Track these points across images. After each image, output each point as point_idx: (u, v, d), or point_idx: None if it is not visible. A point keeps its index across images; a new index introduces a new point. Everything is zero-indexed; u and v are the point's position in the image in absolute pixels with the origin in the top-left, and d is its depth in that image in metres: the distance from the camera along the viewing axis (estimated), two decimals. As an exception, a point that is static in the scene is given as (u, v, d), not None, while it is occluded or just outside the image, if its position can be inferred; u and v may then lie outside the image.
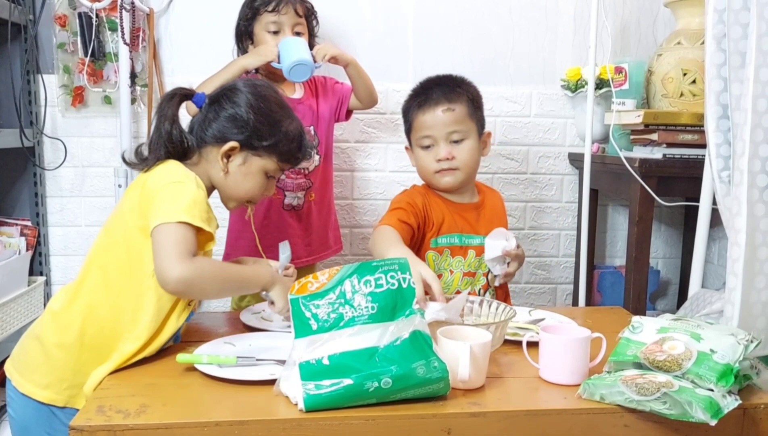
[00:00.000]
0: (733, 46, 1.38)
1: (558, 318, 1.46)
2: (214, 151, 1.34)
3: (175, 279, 1.15)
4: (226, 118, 1.34)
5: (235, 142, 1.33)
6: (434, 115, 1.60)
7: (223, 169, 1.34)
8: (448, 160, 1.60)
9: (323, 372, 1.02)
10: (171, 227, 1.17)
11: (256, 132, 1.34)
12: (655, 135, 2.03)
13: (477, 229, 1.65)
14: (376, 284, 1.09)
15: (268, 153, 1.36)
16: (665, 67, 2.17)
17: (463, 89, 1.64)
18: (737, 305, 1.36)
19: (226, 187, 1.37)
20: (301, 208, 2.02)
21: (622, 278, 2.37)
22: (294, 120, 1.41)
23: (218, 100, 1.36)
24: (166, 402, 1.04)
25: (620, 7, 2.45)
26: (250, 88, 1.38)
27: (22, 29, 2.17)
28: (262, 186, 1.39)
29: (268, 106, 1.37)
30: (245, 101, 1.35)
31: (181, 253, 1.16)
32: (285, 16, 1.91)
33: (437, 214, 1.63)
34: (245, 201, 1.41)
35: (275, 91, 1.42)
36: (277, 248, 1.96)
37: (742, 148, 1.35)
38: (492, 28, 2.42)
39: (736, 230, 1.36)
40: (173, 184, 1.24)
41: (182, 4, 2.29)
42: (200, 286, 1.20)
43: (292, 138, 1.38)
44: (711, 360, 1.07)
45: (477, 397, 1.08)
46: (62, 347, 1.23)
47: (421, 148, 1.64)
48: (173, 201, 1.20)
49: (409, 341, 1.05)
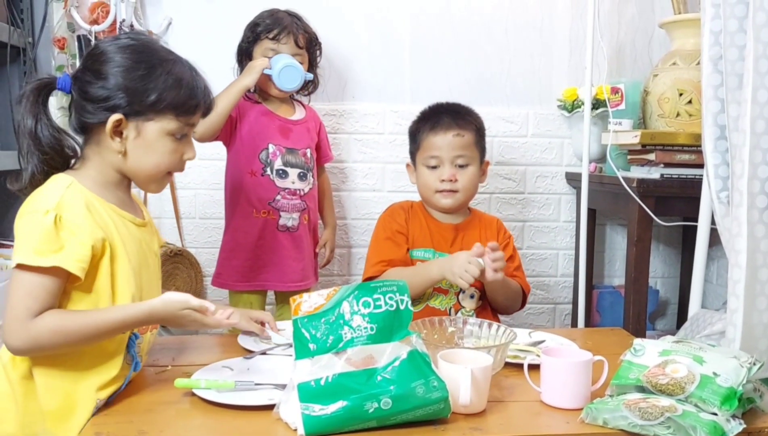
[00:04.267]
0: (729, 68, 1.39)
1: (558, 340, 1.46)
2: (103, 134, 1.15)
3: (12, 348, 1.07)
4: (96, 89, 1.14)
5: (117, 115, 1.13)
6: (444, 138, 1.68)
7: (119, 149, 1.15)
8: (450, 182, 1.68)
9: (322, 393, 1.01)
10: (15, 273, 1.06)
11: (134, 93, 1.14)
12: (653, 155, 2.04)
13: (451, 249, 1.69)
14: (375, 304, 1.08)
15: (157, 112, 1.15)
16: (661, 87, 2.18)
17: (472, 118, 1.74)
18: (739, 327, 1.36)
19: (132, 168, 1.18)
20: (296, 229, 2.01)
21: (621, 298, 2.36)
22: (176, 61, 1.19)
23: (82, 74, 1.16)
24: (164, 428, 1.03)
25: (615, 27, 2.47)
26: (113, 44, 1.17)
27: (21, 52, 2.17)
28: (172, 152, 1.19)
29: (137, 58, 1.15)
30: (110, 63, 1.14)
31: (16, 317, 1.04)
32: (285, 45, 1.94)
33: (415, 228, 1.72)
34: (163, 175, 1.22)
35: (141, 38, 1.22)
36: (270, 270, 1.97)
37: (741, 170, 1.35)
38: (488, 49, 2.43)
39: (736, 251, 1.36)
40: (21, 218, 1.10)
41: (180, 26, 2.30)
42: (39, 350, 1.08)
43: (178, 83, 1.16)
44: (714, 383, 1.06)
45: (478, 422, 1.07)
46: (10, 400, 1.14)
47: (426, 167, 1.71)
48: (18, 239, 1.08)
49: (408, 360, 1.04)
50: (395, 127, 2.41)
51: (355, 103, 2.41)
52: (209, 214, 2.38)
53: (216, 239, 2.36)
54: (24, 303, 1.06)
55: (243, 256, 1.97)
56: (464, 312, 1.67)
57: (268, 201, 1.97)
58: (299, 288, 1.98)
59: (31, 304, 1.06)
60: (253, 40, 1.96)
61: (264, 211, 1.97)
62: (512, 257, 1.75)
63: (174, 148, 1.20)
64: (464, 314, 1.66)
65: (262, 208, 1.97)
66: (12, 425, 1.13)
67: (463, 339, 1.35)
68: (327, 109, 2.35)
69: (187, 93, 1.18)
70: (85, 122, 1.17)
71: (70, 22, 2.19)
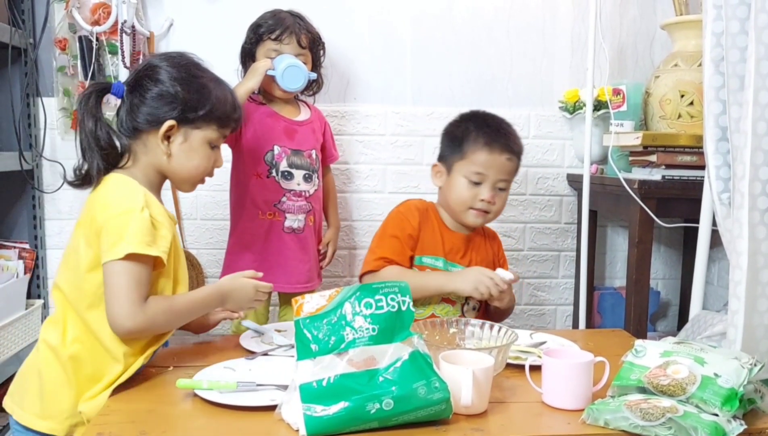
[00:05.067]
0: (731, 70, 1.39)
1: (560, 341, 1.46)
2: (152, 137, 1.30)
3: (126, 330, 1.19)
4: (153, 98, 1.29)
5: (171, 121, 1.29)
6: (498, 159, 1.63)
7: (166, 152, 1.30)
8: (488, 203, 1.63)
9: (324, 394, 1.01)
10: (118, 265, 1.17)
11: (189, 104, 1.29)
12: (654, 156, 2.04)
13: (462, 260, 1.69)
14: (377, 305, 1.08)
15: (206, 122, 1.32)
16: (663, 88, 2.18)
17: (520, 146, 1.70)
18: (740, 328, 1.36)
19: (174, 169, 1.33)
20: (302, 231, 2.01)
21: (622, 300, 2.37)
22: (220, 81, 1.37)
23: (139, 83, 1.31)
24: (166, 429, 1.03)
25: (617, 29, 2.47)
26: (167, 60, 1.32)
27: (23, 53, 2.18)
28: (209, 158, 1.35)
29: (192, 73, 1.32)
30: (167, 75, 1.30)
31: (132, 301, 1.17)
32: (288, 46, 1.94)
33: (427, 234, 1.67)
34: (198, 179, 1.38)
35: (191, 56, 1.37)
36: (276, 272, 1.96)
37: (742, 171, 1.35)
38: (489, 51, 2.44)
39: (737, 253, 1.36)
40: (120, 216, 1.21)
41: (182, 27, 2.31)
42: (153, 330, 1.23)
43: (225, 100, 1.34)
44: (715, 384, 1.06)
45: (480, 422, 1.07)
46: (62, 382, 1.24)
47: (466, 180, 1.64)
48: (119, 234, 1.18)
49: (409, 361, 1.05)
50: (397, 129, 2.42)
51: (356, 104, 2.41)
52: (210, 215, 2.38)
53: (217, 239, 2.37)
54: (136, 289, 1.18)
55: (249, 257, 1.97)
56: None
57: (273, 203, 1.96)
58: (305, 289, 1.96)
59: (141, 289, 1.19)
60: (255, 41, 1.96)
61: (270, 212, 1.97)
62: (506, 261, 1.79)
63: (210, 155, 1.36)
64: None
65: (268, 210, 1.97)
66: (65, 401, 1.24)
67: (465, 340, 1.35)
68: (329, 111, 2.35)
69: (230, 108, 1.35)
70: (138, 125, 1.30)
71: (71, 23, 2.19)
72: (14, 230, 2.29)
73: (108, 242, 1.18)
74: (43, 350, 1.28)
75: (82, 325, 1.24)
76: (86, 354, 1.24)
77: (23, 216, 2.30)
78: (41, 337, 1.30)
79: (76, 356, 1.24)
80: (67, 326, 1.26)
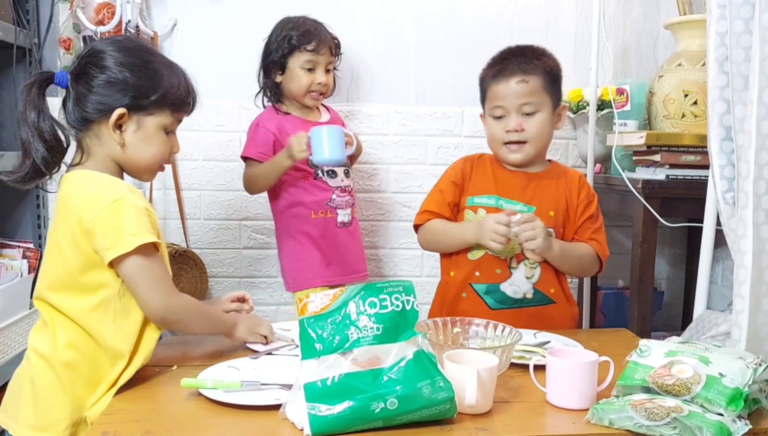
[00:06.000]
0: (735, 69, 1.39)
1: (564, 341, 1.45)
2: (104, 127, 1.23)
3: (161, 315, 1.19)
4: (101, 86, 1.21)
5: (121, 109, 1.21)
6: (507, 86, 1.58)
7: (119, 141, 1.23)
8: (517, 132, 1.58)
9: (328, 393, 1.01)
10: (136, 259, 1.15)
11: (140, 90, 1.23)
12: (658, 156, 2.03)
13: (521, 196, 1.61)
14: (381, 305, 1.08)
15: (159, 108, 1.25)
16: (666, 88, 2.18)
17: (540, 62, 1.61)
18: (744, 328, 1.35)
19: (131, 159, 1.26)
20: (350, 224, 2.09)
21: (625, 299, 2.36)
22: (172, 64, 1.30)
23: (84, 71, 1.23)
24: (171, 428, 1.03)
25: (621, 28, 2.47)
26: (113, 45, 1.25)
27: (27, 53, 2.18)
28: (165, 145, 1.29)
29: (142, 58, 1.25)
30: (114, 61, 1.22)
31: (169, 288, 1.19)
32: (322, 56, 1.98)
33: (478, 176, 1.66)
34: (157, 167, 1.32)
35: (140, 41, 1.32)
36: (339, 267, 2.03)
37: (746, 170, 1.35)
38: (493, 51, 2.40)
39: (742, 252, 1.36)
40: (110, 208, 1.16)
41: (186, 27, 2.31)
42: (186, 321, 1.24)
43: (178, 84, 1.28)
44: (720, 384, 1.06)
45: (484, 422, 1.07)
46: (57, 389, 1.20)
47: (492, 118, 1.62)
48: (118, 226, 1.15)
49: (414, 361, 1.05)
50: (400, 129, 2.42)
51: (360, 104, 2.41)
52: (214, 215, 2.39)
53: (220, 239, 2.37)
54: (166, 275, 1.20)
55: (308, 255, 2.03)
56: (527, 264, 1.60)
57: (325, 201, 2.04)
58: (364, 279, 2.09)
59: (168, 275, 1.21)
60: (288, 51, 1.97)
61: (321, 211, 2.03)
62: (593, 217, 1.66)
63: (166, 142, 1.29)
64: (527, 266, 1.60)
65: (320, 209, 2.03)
66: (61, 410, 1.20)
67: (469, 340, 1.34)
68: (332, 111, 2.36)
69: (183, 92, 1.29)
70: (88, 115, 1.23)
71: (75, 23, 2.20)
72: (18, 230, 2.30)
73: (109, 237, 1.14)
74: (34, 360, 1.23)
75: (76, 329, 1.20)
76: (82, 359, 1.20)
77: (27, 215, 2.30)
78: (30, 346, 1.25)
79: (71, 362, 1.19)
80: (57, 333, 1.21)
